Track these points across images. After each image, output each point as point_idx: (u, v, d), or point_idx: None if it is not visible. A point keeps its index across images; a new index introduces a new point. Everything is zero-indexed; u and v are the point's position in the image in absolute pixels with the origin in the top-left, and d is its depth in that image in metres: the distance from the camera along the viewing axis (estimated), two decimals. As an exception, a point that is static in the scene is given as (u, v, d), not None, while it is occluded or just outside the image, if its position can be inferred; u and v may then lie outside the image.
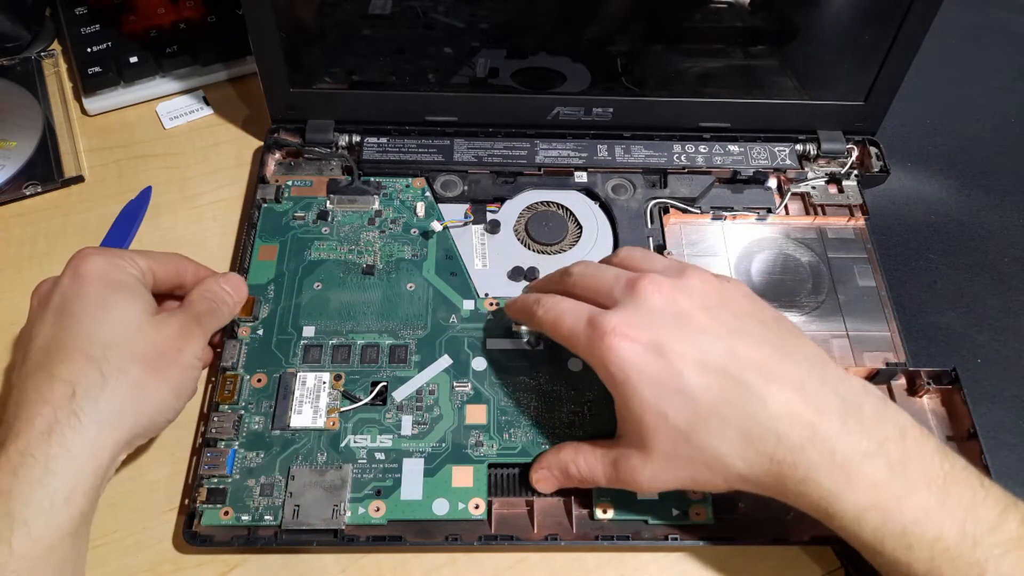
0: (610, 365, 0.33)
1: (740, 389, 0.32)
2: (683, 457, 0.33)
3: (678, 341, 0.33)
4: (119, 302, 0.36)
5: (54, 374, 0.33)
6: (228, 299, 0.40)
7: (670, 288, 0.34)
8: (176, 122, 0.54)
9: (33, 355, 0.34)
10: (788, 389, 0.31)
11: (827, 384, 0.32)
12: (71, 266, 0.37)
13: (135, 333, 0.35)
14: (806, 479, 0.31)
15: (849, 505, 0.30)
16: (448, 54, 0.47)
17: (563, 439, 0.39)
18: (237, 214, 0.50)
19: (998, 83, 0.58)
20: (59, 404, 0.32)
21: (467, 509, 0.37)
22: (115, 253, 0.38)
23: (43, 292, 0.37)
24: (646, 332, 0.33)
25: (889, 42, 0.46)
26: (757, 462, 0.31)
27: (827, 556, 0.38)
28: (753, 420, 0.31)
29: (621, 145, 0.50)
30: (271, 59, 0.46)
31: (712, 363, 0.32)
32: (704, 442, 0.32)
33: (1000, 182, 0.52)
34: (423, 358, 0.42)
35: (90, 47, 0.55)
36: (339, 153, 0.49)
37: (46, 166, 0.51)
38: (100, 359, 0.33)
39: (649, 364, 0.33)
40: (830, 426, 0.31)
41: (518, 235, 0.47)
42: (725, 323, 0.33)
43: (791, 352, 0.33)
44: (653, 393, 0.32)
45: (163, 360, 0.35)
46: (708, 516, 0.37)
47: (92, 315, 0.35)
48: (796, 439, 0.31)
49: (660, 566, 0.38)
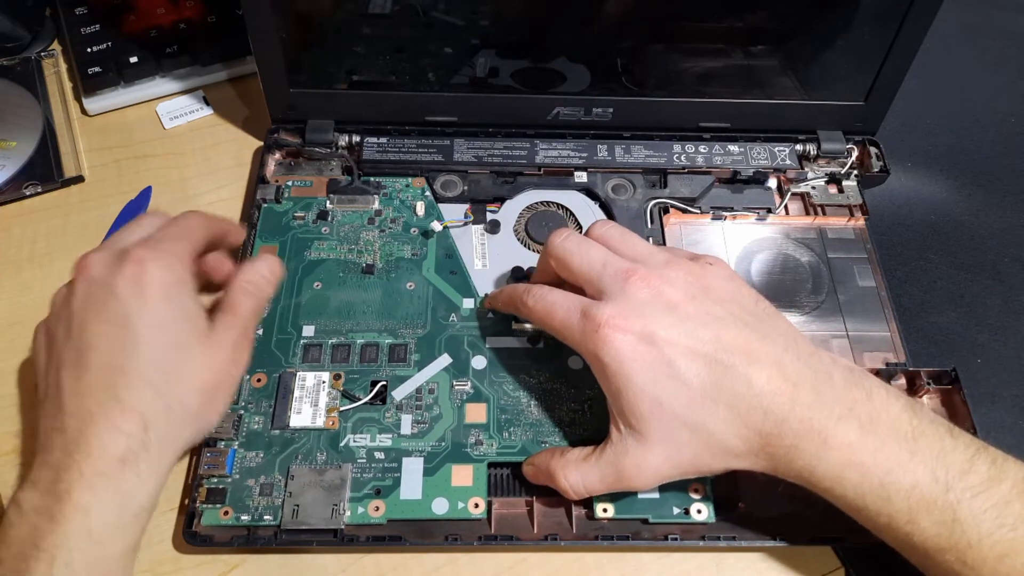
0: (604, 355, 0.35)
1: (727, 372, 0.33)
2: (681, 442, 0.34)
3: (668, 330, 0.34)
4: (180, 324, 0.35)
5: (122, 400, 0.33)
6: (269, 288, 0.40)
7: (658, 280, 0.36)
8: (176, 122, 0.54)
9: (94, 369, 0.33)
10: (769, 367, 0.33)
11: (801, 359, 0.34)
12: (131, 271, 0.35)
13: (195, 359, 0.35)
14: (791, 448, 0.33)
15: (830, 466, 0.32)
16: (448, 54, 0.47)
17: (563, 438, 0.39)
18: (237, 214, 0.50)
19: (998, 83, 0.58)
20: (132, 434, 0.32)
21: (467, 508, 0.37)
22: (170, 258, 0.36)
23: (93, 286, 0.35)
24: (638, 323, 0.34)
25: (889, 42, 0.46)
26: (749, 437, 0.33)
27: (827, 556, 0.38)
28: (741, 398, 0.33)
29: (621, 145, 0.50)
30: (271, 59, 0.46)
31: (700, 350, 0.34)
32: (699, 423, 0.34)
33: (1000, 182, 0.52)
34: (423, 357, 0.42)
35: (90, 47, 0.55)
36: (339, 153, 0.49)
37: (46, 166, 0.51)
38: (164, 390, 0.34)
39: (642, 353, 0.34)
40: (806, 397, 0.33)
41: (518, 235, 0.47)
42: (710, 311, 0.35)
43: (769, 332, 0.35)
44: (647, 380, 0.34)
45: (219, 388, 0.36)
46: (708, 516, 0.37)
47: (154, 338, 0.34)
48: (779, 412, 0.33)
49: (660, 566, 0.38)
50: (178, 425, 0.35)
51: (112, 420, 0.32)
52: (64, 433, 0.32)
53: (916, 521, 0.31)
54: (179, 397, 0.34)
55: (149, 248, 0.36)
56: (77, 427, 0.32)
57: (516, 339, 0.42)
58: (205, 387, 0.35)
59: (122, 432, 0.32)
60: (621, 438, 0.35)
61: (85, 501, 0.31)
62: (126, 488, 0.32)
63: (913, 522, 0.31)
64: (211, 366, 0.36)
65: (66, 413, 0.33)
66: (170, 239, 0.37)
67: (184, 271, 0.37)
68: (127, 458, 0.32)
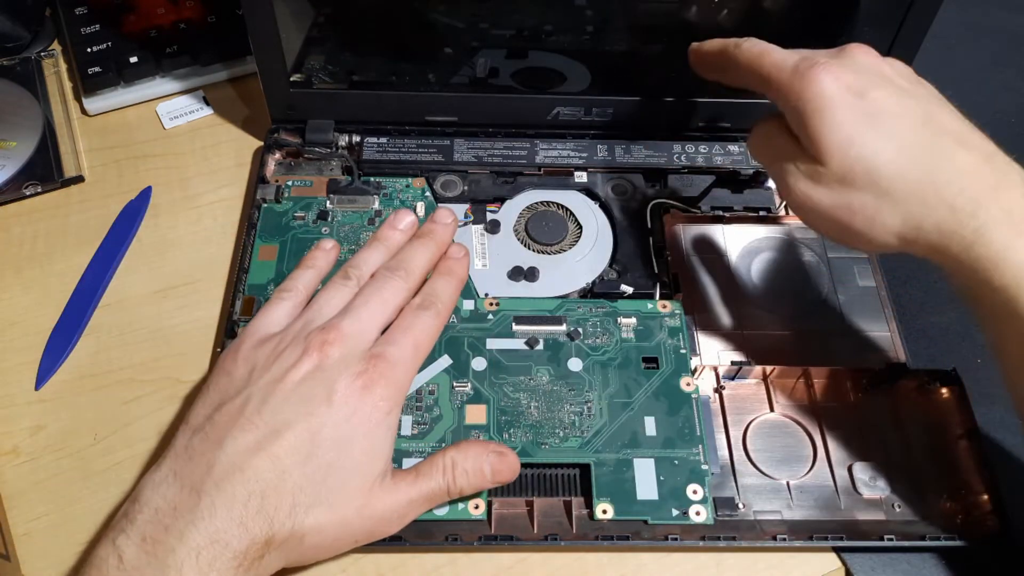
0: (809, 92, 0.33)
1: (933, 141, 0.33)
2: (851, 188, 0.33)
3: (881, 91, 0.34)
4: (364, 462, 0.33)
5: (266, 500, 0.31)
6: (481, 481, 0.35)
7: (877, 56, 0.36)
8: (176, 122, 0.54)
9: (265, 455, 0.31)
10: (978, 155, 0.32)
11: (1012, 166, 0.33)
12: (361, 383, 0.33)
13: (345, 505, 0.32)
14: (979, 231, 0.31)
15: (1018, 261, 0.31)
16: (448, 54, 0.47)
17: (563, 439, 0.39)
18: (237, 214, 0.50)
19: (998, 83, 0.58)
20: (256, 541, 0.30)
21: (467, 509, 0.37)
22: (403, 382, 0.34)
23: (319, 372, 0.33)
24: (854, 77, 0.34)
25: (889, 42, 0.46)
26: (935, 208, 0.32)
27: (827, 556, 0.38)
28: (940, 168, 0.32)
29: (621, 145, 0.50)
30: (271, 59, 0.46)
31: (910, 117, 0.33)
32: (882, 178, 0.32)
33: (1000, 182, 0.52)
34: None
35: (90, 47, 0.55)
36: (339, 153, 0.49)
37: (46, 166, 0.51)
38: (300, 515, 0.31)
39: (851, 100, 0.33)
40: (1011, 193, 0.32)
41: (518, 235, 0.47)
42: (924, 97, 0.35)
43: (980, 134, 0.34)
44: (847, 119, 0.33)
45: (338, 545, 0.33)
46: (708, 516, 0.37)
47: (331, 461, 0.32)
48: (976, 193, 0.31)
49: (660, 566, 0.38)
50: (282, 552, 0.32)
51: (246, 516, 0.30)
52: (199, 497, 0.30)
53: None
54: (304, 529, 0.32)
55: (386, 369, 0.34)
56: (211, 504, 0.30)
57: (516, 340, 0.43)
58: (330, 534, 0.32)
59: (247, 533, 0.30)
60: (804, 161, 0.34)
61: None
62: None
63: None
64: (350, 520, 0.33)
65: (212, 478, 0.31)
66: (412, 353, 0.35)
67: (402, 397, 0.35)
68: (241, 564, 0.30)
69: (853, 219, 0.34)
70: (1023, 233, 0.31)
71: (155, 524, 0.30)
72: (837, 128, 0.33)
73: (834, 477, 0.39)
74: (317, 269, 0.39)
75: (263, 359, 0.34)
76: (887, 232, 0.33)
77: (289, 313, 0.37)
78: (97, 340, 0.44)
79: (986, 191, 0.32)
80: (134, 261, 0.48)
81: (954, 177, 0.32)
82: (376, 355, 0.34)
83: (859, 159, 0.33)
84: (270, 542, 0.31)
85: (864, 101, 0.33)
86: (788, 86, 0.35)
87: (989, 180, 0.32)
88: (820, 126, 0.33)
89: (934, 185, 0.32)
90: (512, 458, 0.36)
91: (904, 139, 0.33)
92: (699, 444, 0.39)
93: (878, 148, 0.33)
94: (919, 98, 0.34)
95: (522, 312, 0.43)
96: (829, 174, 0.33)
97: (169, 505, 0.31)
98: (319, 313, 0.36)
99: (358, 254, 0.40)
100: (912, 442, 0.40)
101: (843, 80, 0.34)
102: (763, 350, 0.43)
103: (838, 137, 0.33)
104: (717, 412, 0.41)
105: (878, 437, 0.41)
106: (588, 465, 0.38)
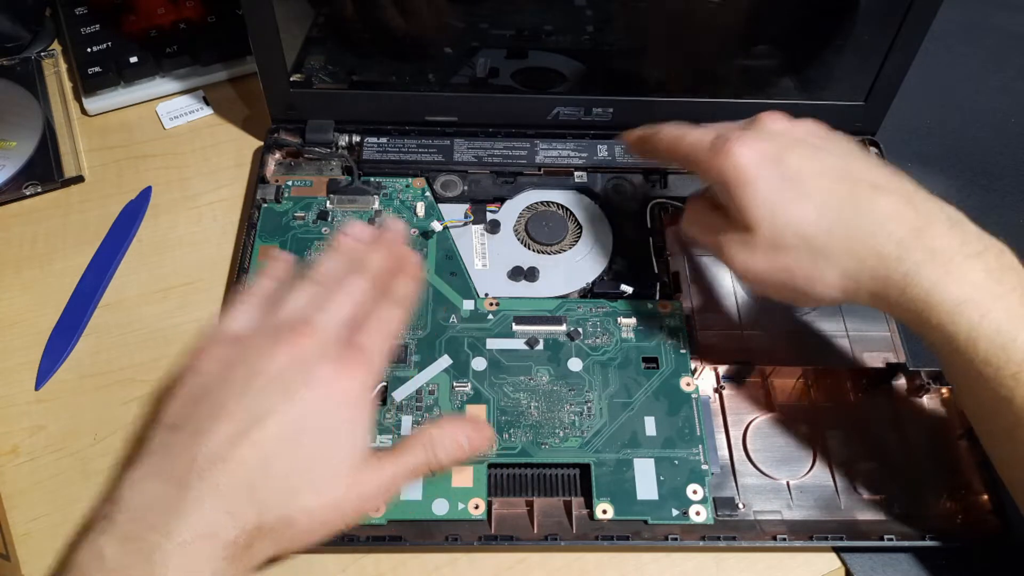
0: (729, 166, 0.35)
1: (852, 193, 0.34)
2: (785, 249, 0.35)
3: (796, 154, 0.35)
4: (346, 445, 0.33)
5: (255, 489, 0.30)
6: (459, 453, 0.34)
7: (787, 120, 0.37)
8: (176, 122, 0.54)
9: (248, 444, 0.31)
10: (897, 198, 0.34)
11: (933, 202, 0.34)
12: (338, 370, 0.33)
13: (331, 485, 0.32)
14: (908, 275, 0.32)
15: (948, 297, 0.32)
16: (448, 54, 0.47)
17: (563, 439, 0.39)
18: (237, 214, 0.50)
19: (998, 83, 0.58)
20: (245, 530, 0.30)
21: (467, 509, 0.37)
22: (376, 373, 0.34)
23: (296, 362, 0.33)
24: (768, 145, 0.35)
25: (889, 42, 0.46)
26: (864, 258, 0.33)
27: (827, 556, 0.38)
28: (863, 218, 0.33)
29: (621, 145, 0.50)
30: (271, 59, 0.46)
31: (827, 172, 0.35)
32: (813, 237, 0.34)
33: (1000, 182, 0.52)
34: (423, 358, 0.42)
35: (90, 47, 0.55)
36: (339, 153, 0.49)
37: (46, 166, 0.51)
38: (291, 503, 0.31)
39: (768, 169, 0.35)
40: (934, 231, 0.33)
41: (518, 235, 0.47)
42: (838, 148, 0.36)
43: (897, 176, 0.35)
44: (769, 188, 0.34)
45: (327, 526, 0.33)
46: (708, 516, 0.37)
47: (315, 450, 0.32)
48: (902, 236, 0.33)
49: (660, 566, 0.38)
50: (273, 539, 0.31)
51: (234, 505, 0.30)
52: (184, 491, 0.30)
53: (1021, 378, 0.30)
54: (293, 513, 0.31)
55: (362, 358, 0.34)
56: (197, 497, 0.29)
57: (516, 341, 0.43)
58: (320, 517, 0.32)
59: (235, 522, 0.30)
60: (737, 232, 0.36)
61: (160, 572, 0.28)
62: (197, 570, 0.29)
63: (1020, 376, 0.30)
64: (339, 501, 0.32)
65: (196, 471, 0.30)
66: (382, 344, 0.35)
67: (376, 383, 0.35)
68: (231, 555, 0.29)
69: (794, 280, 0.35)
70: (950, 271, 0.32)
71: (138, 522, 0.29)
72: (761, 198, 0.35)
73: (834, 477, 0.39)
74: (275, 278, 0.40)
75: (235, 355, 0.34)
76: (828, 287, 0.35)
77: (254, 316, 0.37)
78: (97, 340, 0.44)
79: (910, 234, 0.33)
80: (134, 261, 0.48)
81: (878, 225, 0.33)
82: (351, 343, 0.35)
83: (787, 224, 0.34)
84: (259, 529, 0.31)
85: (781, 167, 0.35)
86: (708, 164, 0.36)
87: (912, 222, 0.33)
88: (745, 198, 0.35)
89: (860, 236, 0.33)
90: (487, 430, 0.37)
91: (825, 197, 0.34)
92: (699, 444, 0.39)
93: (802, 211, 0.34)
94: (833, 152, 0.36)
95: (522, 312, 0.43)
96: (762, 242, 0.35)
97: (152, 502, 0.30)
98: (286, 311, 0.36)
99: (316, 260, 0.41)
100: (912, 442, 0.40)
101: (758, 150, 0.35)
102: (763, 350, 0.43)
103: (763, 206, 0.35)
104: (717, 412, 0.41)
105: (878, 437, 0.41)
106: (588, 465, 0.38)
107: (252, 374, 0.33)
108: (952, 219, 0.34)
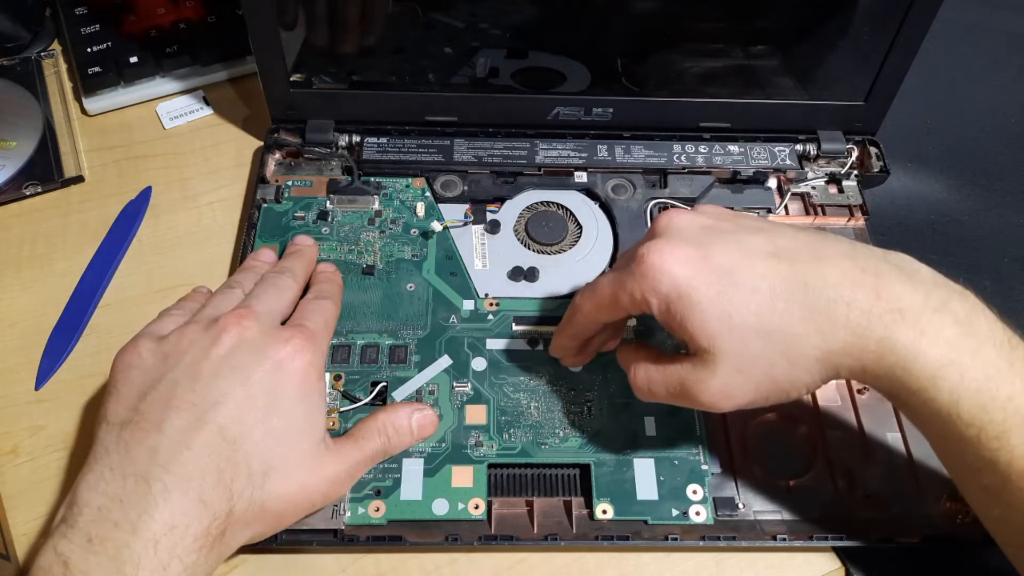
0: (660, 286, 0.32)
1: (794, 270, 0.31)
2: (755, 355, 0.31)
3: (717, 245, 0.32)
4: (305, 426, 0.33)
5: (221, 472, 0.31)
6: (409, 439, 0.37)
7: (688, 213, 0.35)
8: (176, 122, 0.54)
9: (208, 429, 0.31)
10: (840, 261, 0.31)
11: (875, 255, 0.32)
12: (289, 350, 0.33)
13: (299, 469, 0.33)
14: (882, 341, 0.30)
15: (928, 362, 0.29)
16: (448, 54, 0.47)
17: (563, 440, 0.39)
18: (237, 214, 0.50)
19: (998, 83, 0.58)
20: (217, 517, 0.30)
21: (467, 509, 0.37)
22: (322, 354, 0.35)
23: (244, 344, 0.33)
24: (684, 247, 0.32)
25: (889, 42, 0.46)
26: (832, 335, 0.30)
27: (827, 556, 0.38)
28: (816, 294, 0.31)
29: (621, 145, 0.50)
30: (271, 59, 0.46)
31: (759, 254, 0.32)
32: (774, 327, 0.31)
33: (1000, 182, 0.52)
34: (423, 358, 0.42)
35: (90, 47, 0.55)
36: (339, 153, 0.49)
37: (46, 166, 0.51)
38: (257, 483, 0.31)
39: (699, 272, 0.32)
40: (893, 287, 0.30)
41: (518, 235, 0.47)
42: (749, 227, 0.34)
43: (825, 239, 0.33)
44: (710, 296, 0.31)
45: (300, 509, 0.34)
46: (708, 516, 0.37)
47: (277, 428, 0.32)
48: (864, 302, 0.30)
49: (660, 566, 0.38)
50: (254, 528, 0.32)
51: (204, 492, 0.30)
52: (148, 484, 0.29)
53: (1007, 436, 0.29)
54: (264, 496, 0.32)
55: (309, 337, 0.34)
56: (163, 488, 0.29)
57: (516, 341, 0.43)
58: (290, 499, 0.33)
59: (207, 510, 0.30)
60: (690, 360, 0.33)
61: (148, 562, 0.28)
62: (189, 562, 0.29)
63: (1003, 437, 0.29)
64: (307, 484, 0.33)
65: (159, 463, 0.30)
66: (324, 328, 0.36)
67: (324, 366, 0.35)
68: (204, 537, 0.29)
69: (775, 378, 0.32)
70: (925, 331, 0.30)
71: (101, 522, 0.29)
72: (709, 310, 0.31)
73: (834, 477, 0.39)
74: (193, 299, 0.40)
75: (171, 348, 0.33)
76: (810, 373, 0.32)
77: (178, 320, 0.37)
78: (97, 340, 0.44)
79: (870, 298, 0.30)
80: (134, 261, 0.48)
81: (833, 296, 0.30)
82: (296, 325, 0.35)
83: (743, 325, 0.31)
84: (231, 515, 0.30)
85: (712, 266, 0.32)
86: (633, 295, 0.33)
87: (866, 284, 0.31)
88: (692, 317, 0.31)
89: (820, 309, 0.31)
90: (431, 414, 0.38)
91: (770, 281, 0.31)
92: (699, 444, 0.39)
93: (755, 305, 0.31)
94: (750, 230, 0.33)
95: (522, 312, 0.43)
96: (726, 355, 0.31)
97: (114, 500, 0.29)
98: (216, 308, 0.36)
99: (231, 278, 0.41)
100: (912, 442, 0.40)
101: (681, 257, 0.32)
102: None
103: (713, 318, 0.31)
104: (717, 412, 0.41)
105: (878, 437, 0.41)
106: (588, 465, 0.38)
107: (198, 361, 0.33)
108: (900, 268, 0.31)
